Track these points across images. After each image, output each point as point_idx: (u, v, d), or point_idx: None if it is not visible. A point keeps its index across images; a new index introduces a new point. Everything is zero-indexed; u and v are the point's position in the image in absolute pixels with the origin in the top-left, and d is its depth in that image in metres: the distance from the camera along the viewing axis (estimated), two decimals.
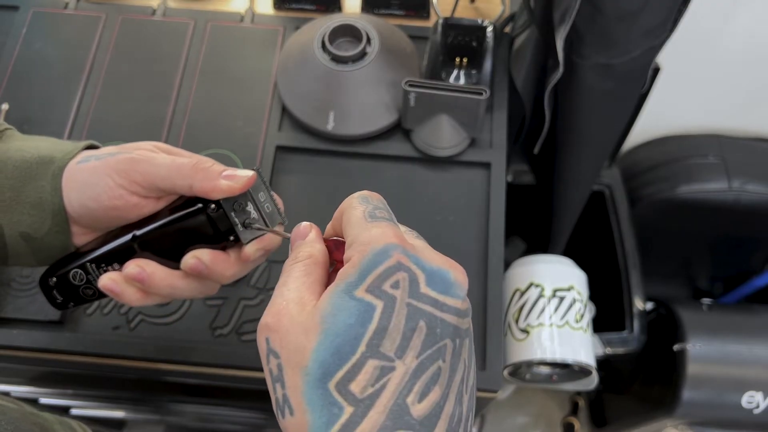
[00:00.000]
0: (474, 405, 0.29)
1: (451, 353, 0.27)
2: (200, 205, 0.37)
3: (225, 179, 0.35)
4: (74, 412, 0.88)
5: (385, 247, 0.27)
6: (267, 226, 0.38)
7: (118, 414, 0.91)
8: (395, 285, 0.27)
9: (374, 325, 0.26)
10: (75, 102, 0.66)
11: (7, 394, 0.78)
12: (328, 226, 0.34)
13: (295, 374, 0.26)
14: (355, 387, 0.25)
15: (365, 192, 0.32)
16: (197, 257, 0.37)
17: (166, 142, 0.64)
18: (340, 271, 0.28)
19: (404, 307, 0.26)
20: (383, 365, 0.25)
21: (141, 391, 0.77)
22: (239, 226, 0.37)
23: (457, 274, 0.28)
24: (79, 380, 0.72)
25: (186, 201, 0.37)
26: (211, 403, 0.79)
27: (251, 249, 0.38)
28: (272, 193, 0.39)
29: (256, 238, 0.38)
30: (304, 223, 0.34)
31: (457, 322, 0.27)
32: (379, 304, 0.26)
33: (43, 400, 0.83)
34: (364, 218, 0.29)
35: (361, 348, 0.26)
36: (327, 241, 0.33)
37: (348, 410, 0.25)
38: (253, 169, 0.37)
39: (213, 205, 0.36)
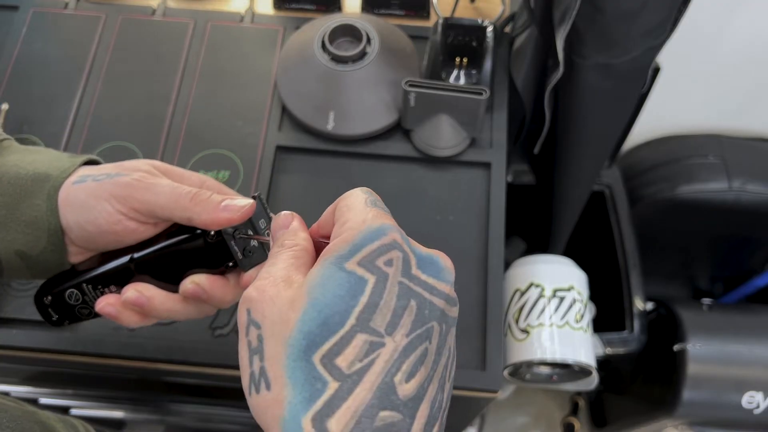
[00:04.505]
0: (450, 398, 0.28)
1: (438, 336, 0.26)
2: (199, 231, 0.36)
3: (224, 211, 0.35)
4: (74, 412, 0.88)
5: (382, 226, 0.27)
6: (267, 253, 0.37)
7: (118, 414, 0.91)
8: (388, 263, 0.26)
9: (366, 299, 0.25)
10: (75, 102, 0.66)
11: (7, 394, 0.78)
12: (314, 224, 0.33)
13: (277, 345, 0.25)
14: (342, 361, 0.24)
15: (368, 189, 0.32)
16: (196, 282, 0.36)
17: (166, 141, 0.64)
18: (330, 245, 0.27)
19: (396, 284, 0.26)
20: (373, 340, 0.24)
21: (141, 391, 0.77)
22: (239, 254, 0.37)
23: (445, 260, 0.28)
24: (79, 380, 0.72)
25: (184, 225, 0.37)
26: (211, 403, 0.79)
27: (251, 277, 0.37)
28: (273, 219, 0.38)
29: (256, 265, 0.37)
30: (284, 213, 0.33)
31: (445, 307, 0.27)
32: (371, 279, 0.26)
33: (43, 400, 0.83)
34: (365, 204, 0.29)
35: (351, 321, 0.25)
36: (313, 239, 0.32)
37: (333, 386, 0.24)
38: (253, 197, 0.36)
39: (212, 232, 0.36)
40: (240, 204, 0.35)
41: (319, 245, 0.32)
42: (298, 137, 0.64)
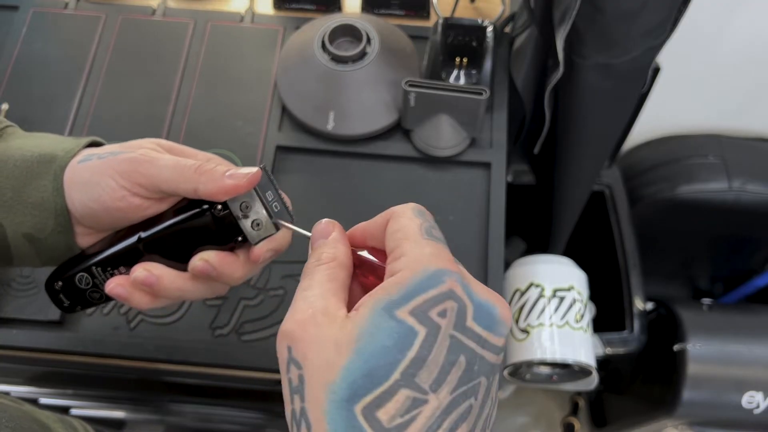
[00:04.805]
0: None
1: (484, 391, 0.26)
2: (206, 206, 0.36)
3: (229, 179, 0.34)
4: (74, 412, 0.88)
5: (440, 272, 0.26)
6: (275, 225, 0.37)
7: (118, 414, 0.91)
8: (442, 313, 0.25)
9: (413, 353, 0.24)
10: (75, 102, 0.66)
11: (7, 394, 0.78)
12: (360, 227, 0.32)
13: (319, 390, 0.25)
14: (383, 415, 0.24)
15: (420, 206, 0.30)
16: (205, 259, 0.36)
17: None
18: (384, 283, 0.26)
19: (447, 338, 0.25)
20: (416, 397, 0.24)
21: (141, 391, 0.77)
22: (247, 227, 0.36)
23: (503, 310, 0.27)
24: (79, 380, 0.72)
25: (191, 201, 0.37)
26: (211, 403, 0.79)
27: (261, 250, 0.37)
28: (280, 191, 0.37)
29: (265, 238, 0.37)
30: (325, 220, 0.32)
31: (494, 360, 0.27)
32: (421, 331, 0.25)
33: (43, 400, 0.83)
34: (420, 233, 0.28)
35: (395, 375, 0.24)
36: (356, 253, 0.32)
37: None
38: (258, 167, 0.35)
39: (219, 206, 0.35)
40: (245, 171, 0.35)
41: (361, 260, 0.31)
42: (298, 137, 0.64)
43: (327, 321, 0.26)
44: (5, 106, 0.65)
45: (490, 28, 0.66)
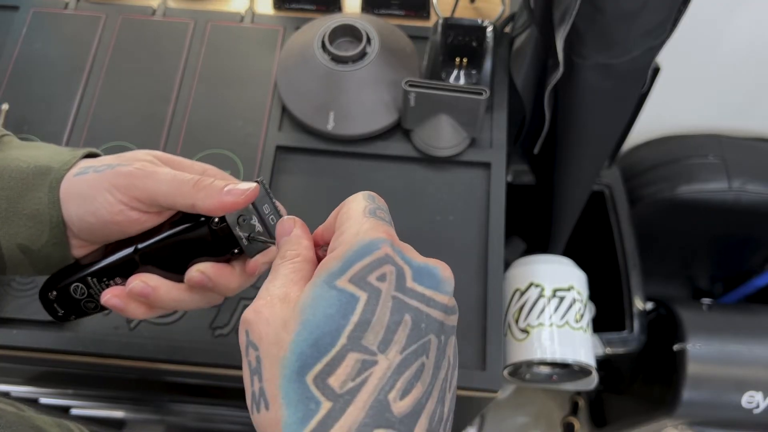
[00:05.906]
0: (454, 406, 0.28)
1: (436, 349, 0.26)
2: (203, 219, 0.36)
3: (227, 195, 0.35)
4: (74, 412, 0.88)
5: (374, 240, 0.27)
6: (272, 238, 0.37)
7: (118, 414, 0.91)
8: (381, 278, 0.26)
9: (356, 317, 0.25)
10: (75, 102, 0.66)
11: (7, 394, 0.78)
12: (321, 227, 0.33)
13: (273, 366, 0.26)
14: (334, 381, 0.24)
15: (372, 193, 0.31)
16: (201, 271, 0.36)
17: (166, 141, 0.64)
18: (323, 261, 0.27)
19: (389, 299, 0.26)
20: (365, 359, 0.24)
21: (141, 391, 0.77)
22: (243, 239, 0.36)
23: (444, 271, 0.28)
24: (79, 380, 0.72)
25: (188, 213, 0.37)
26: (211, 403, 0.79)
27: (257, 262, 0.38)
28: (277, 204, 0.38)
29: (261, 250, 0.37)
30: (286, 218, 0.33)
31: (443, 318, 0.27)
32: (362, 296, 0.25)
33: (43, 400, 0.83)
34: (363, 213, 0.29)
35: (342, 340, 0.25)
36: (316, 247, 0.32)
37: (326, 405, 0.24)
38: (255, 181, 0.36)
39: (216, 219, 0.36)
40: (243, 188, 0.35)
41: (321, 255, 0.32)
42: (298, 137, 0.64)
43: (282, 304, 0.27)
44: (5, 106, 0.65)
45: (490, 28, 0.66)
